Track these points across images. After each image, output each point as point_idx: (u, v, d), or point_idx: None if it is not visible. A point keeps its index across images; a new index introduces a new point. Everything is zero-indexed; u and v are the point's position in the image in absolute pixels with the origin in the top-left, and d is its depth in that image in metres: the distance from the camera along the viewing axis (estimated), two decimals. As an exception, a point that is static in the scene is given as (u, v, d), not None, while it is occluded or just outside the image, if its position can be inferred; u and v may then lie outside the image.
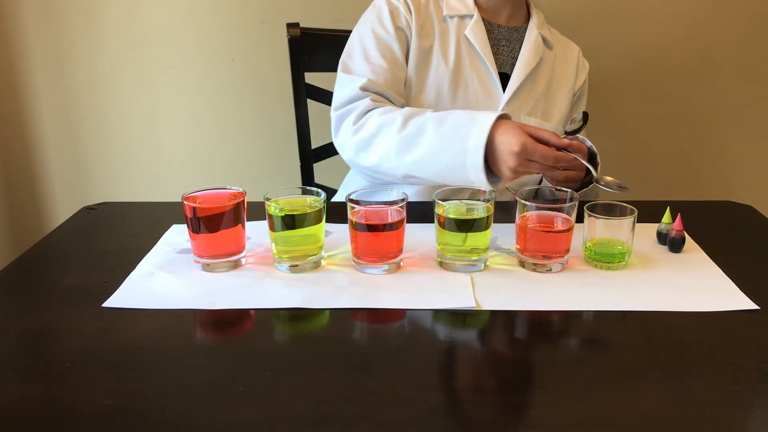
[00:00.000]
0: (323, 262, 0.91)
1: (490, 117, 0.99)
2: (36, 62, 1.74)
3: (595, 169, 1.15)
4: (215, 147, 1.81)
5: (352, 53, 1.18)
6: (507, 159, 0.96)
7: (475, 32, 1.17)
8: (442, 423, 0.60)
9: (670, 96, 1.76)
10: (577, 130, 1.04)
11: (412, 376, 0.67)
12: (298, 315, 0.79)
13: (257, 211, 0.99)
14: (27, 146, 1.82)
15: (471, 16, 1.19)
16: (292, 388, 0.65)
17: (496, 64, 1.19)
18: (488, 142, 0.98)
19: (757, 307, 0.79)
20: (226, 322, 0.78)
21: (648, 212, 0.98)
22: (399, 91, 1.17)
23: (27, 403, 0.63)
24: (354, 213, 0.87)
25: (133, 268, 0.90)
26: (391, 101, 1.15)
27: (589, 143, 1.15)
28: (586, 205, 0.91)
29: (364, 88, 1.13)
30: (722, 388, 0.64)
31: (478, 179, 0.99)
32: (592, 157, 1.15)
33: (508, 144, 0.96)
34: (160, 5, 1.69)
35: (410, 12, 1.17)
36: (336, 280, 0.86)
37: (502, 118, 1.01)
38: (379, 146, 1.08)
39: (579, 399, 0.63)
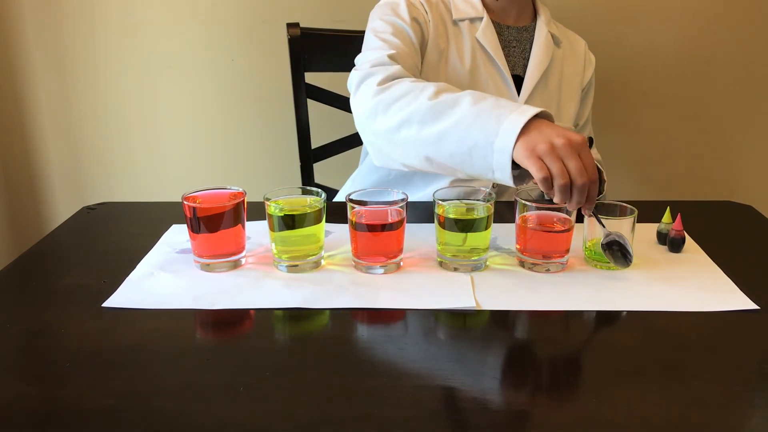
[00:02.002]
0: (323, 262, 0.91)
1: (534, 109, 0.87)
2: (36, 62, 1.74)
3: (602, 185, 1.15)
4: (215, 147, 1.81)
5: (367, 43, 1.14)
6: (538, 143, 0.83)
7: (486, 35, 1.16)
8: (442, 423, 0.60)
9: (671, 96, 1.76)
10: None
11: (412, 376, 0.67)
12: (298, 315, 0.79)
13: (257, 211, 0.99)
14: (27, 146, 1.82)
15: (480, 19, 1.17)
16: (292, 388, 0.65)
17: (509, 66, 1.18)
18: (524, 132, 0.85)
19: (757, 307, 0.79)
20: (226, 322, 0.78)
21: (648, 212, 0.98)
22: (416, 76, 1.11)
23: (27, 403, 0.63)
24: (354, 213, 0.87)
25: (133, 268, 0.90)
26: None
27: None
28: (586, 205, 0.91)
29: (392, 57, 1.06)
30: (722, 388, 0.64)
31: (502, 166, 0.87)
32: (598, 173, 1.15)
33: (547, 135, 0.83)
34: (161, 5, 1.69)
35: (426, 11, 1.16)
36: (336, 280, 0.86)
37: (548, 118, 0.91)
38: (402, 110, 0.96)
39: (579, 399, 0.63)
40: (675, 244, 0.94)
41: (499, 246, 0.96)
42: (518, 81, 1.19)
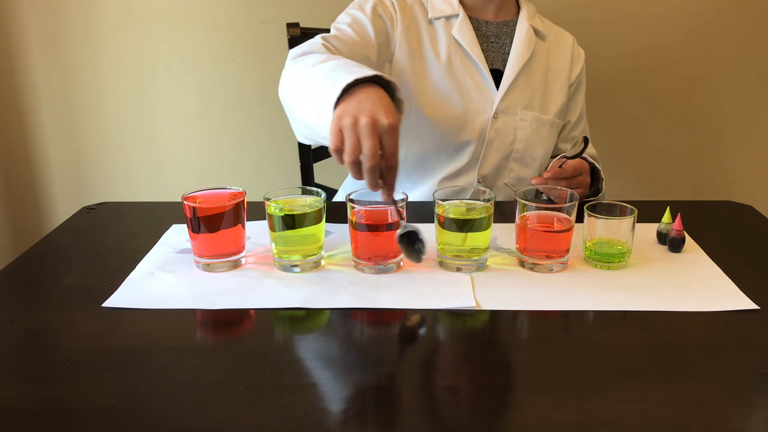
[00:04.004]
0: (323, 262, 0.91)
1: (367, 73, 0.85)
2: (36, 62, 1.74)
3: (599, 183, 1.16)
4: (215, 147, 1.81)
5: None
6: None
7: (462, 31, 1.17)
8: (442, 423, 0.60)
9: (670, 96, 1.76)
10: (579, 154, 1.04)
11: (412, 376, 0.67)
12: (298, 315, 0.79)
13: (257, 211, 0.99)
14: (27, 146, 1.82)
15: (457, 16, 1.18)
16: (292, 388, 0.65)
17: (487, 60, 1.18)
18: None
19: (757, 307, 0.79)
20: (226, 322, 0.78)
21: (648, 212, 0.98)
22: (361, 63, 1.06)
23: (27, 403, 0.63)
24: (354, 213, 0.87)
25: (133, 268, 0.90)
26: None
27: (590, 160, 1.16)
28: (586, 205, 0.91)
29: (324, 38, 1.07)
30: (722, 388, 0.64)
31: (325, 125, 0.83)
32: (594, 173, 1.15)
33: (360, 108, 0.79)
34: (160, 5, 1.69)
35: (395, 10, 1.17)
36: (336, 280, 0.86)
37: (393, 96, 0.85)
38: (293, 81, 0.97)
39: (579, 399, 0.63)
40: (675, 244, 0.94)
41: (499, 246, 0.96)
42: (500, 75, 1.19)
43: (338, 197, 1.36)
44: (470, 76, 1.17)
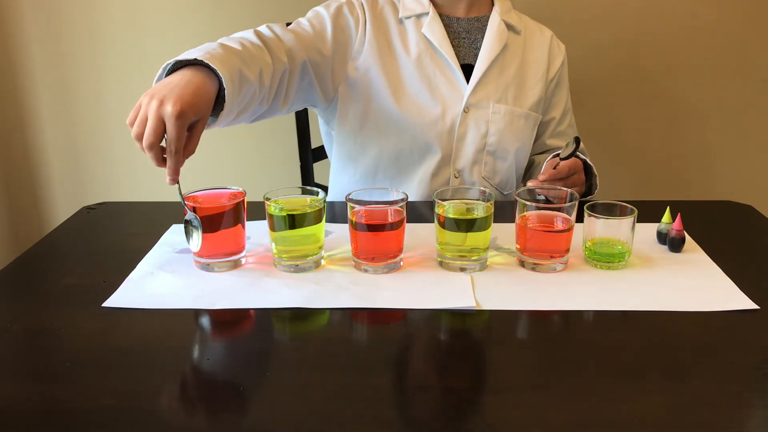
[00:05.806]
0: (323, 262, 0.91)
1: (190, 57, 0.91)
2: (36, 62, 1.74)
3: (593, 179, 1.16)
4: (215, 147, 1.81)
5: None
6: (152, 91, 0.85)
7: (432, 29, 1.18)
8: (442, 423, 0.60)
9: (670, 96, 1.76)
10: (571, 154, 1.04)
11: (412, 376, 0.67)
12: (298, 315, 0.79)
13: (257, 211, 0.99)
14: (27, 146, 1.82)
15: (427, 14, 1.19)
16: (292, 388, 0.65)
17: (458, 56, 1.19)
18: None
19: (757, 307, 0.79)
20: (226, 322, 0.78)
21: (648, 212, 0.98)
22: (308, 53, 1.11)
23: (27, 403, 0.63)
24: (354, 213, 0.87)
25: (133, 268, 0.90)
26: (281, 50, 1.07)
27: (583, 157, 1.16)
28: (586, 205, 0.91)
29: (268, 26, 1.08)
30: (722, 388, 0.64)
31: None
32: (588, 171, 1.16)
33: (158, 91, 0.84)
34: (161, 5, 1.69)
35: (364, 11, 1.18)
36: (336, 280, 0.86)
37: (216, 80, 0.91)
38: None
39: (579, 399, 0.63)
40: (675, 244, 0.94)
41: (499, 246, 0.96)
42: (472, 70, 1.20)
43: (331, 197, 1.35)
44: (440, 72, 1.18)
